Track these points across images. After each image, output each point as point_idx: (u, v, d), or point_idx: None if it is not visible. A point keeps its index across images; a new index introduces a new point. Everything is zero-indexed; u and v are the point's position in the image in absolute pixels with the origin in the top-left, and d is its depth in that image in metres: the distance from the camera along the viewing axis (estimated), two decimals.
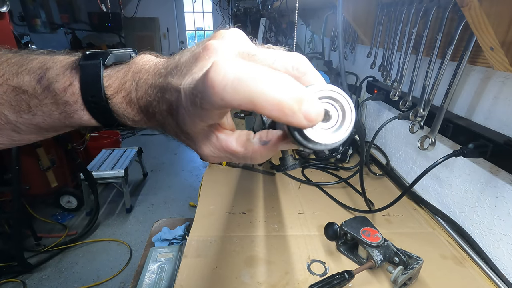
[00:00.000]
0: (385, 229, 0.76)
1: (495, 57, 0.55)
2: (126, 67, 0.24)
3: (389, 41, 0.96)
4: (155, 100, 0.22)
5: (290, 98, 0.16)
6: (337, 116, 0.18)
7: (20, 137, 0.27)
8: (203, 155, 0.23)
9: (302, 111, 0.16)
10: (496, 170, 0.64)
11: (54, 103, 0.24)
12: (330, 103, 0.18)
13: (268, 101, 0.16)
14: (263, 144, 0.21)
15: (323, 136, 0.18)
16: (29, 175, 2.06)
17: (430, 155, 0.86)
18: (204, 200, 0.87)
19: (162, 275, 0.90)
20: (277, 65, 0.19)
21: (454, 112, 0.76)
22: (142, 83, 0.23)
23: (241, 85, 0.16)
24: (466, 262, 0.67)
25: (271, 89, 0.16)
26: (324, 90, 0.18)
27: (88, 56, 0.24)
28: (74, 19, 4.86)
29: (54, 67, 0.24)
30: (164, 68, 0.22)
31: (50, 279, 1.83)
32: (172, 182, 2.93)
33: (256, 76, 0.16)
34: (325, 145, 0.18)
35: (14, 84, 0.24)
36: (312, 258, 0.67)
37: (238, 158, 0.22)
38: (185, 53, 0.21)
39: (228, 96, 0.16)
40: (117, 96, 0.24)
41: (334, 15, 1.49)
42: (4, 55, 0.26)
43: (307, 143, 0.18)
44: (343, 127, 0.18)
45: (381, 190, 0.95)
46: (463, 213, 0.75)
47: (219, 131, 0.22)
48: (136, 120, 0.25)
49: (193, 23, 5.76)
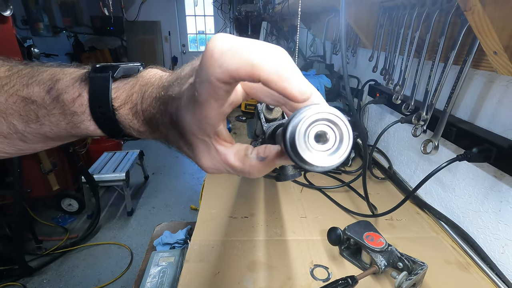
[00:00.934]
0: (389, 234, 0.76)
1: (499, 61, 0.55)
2: (133, 80, 0.25)
3: (391, 44, 0.96)
4: (158, 113, 0.23)
5: (288, 66, 0.17)
6: (334, 139, 0.18)
7: (26, 146, 0.28)
8: (203, 167, 0.23)
9: (297, 81, 0.17)
10: (500, 174, 0.64)
11: (62, 113, 0.25)
12: (328, 125, 0.18)
13: (268, 64, 0.16)
14: (261, 160, 0.21)
15: (319, 158, 0.18)
16: (31, 178, 2.06)
17: (433, 159, 0.86)
18: (206, 204, 0.86)
19: (164, 280, 0.89)
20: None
21: (457, 116, 0.75)
22: (147, 95, 0.24)
23: (241, 50, 0.16)
24: (471, 267, 0.66)
25: (272, 55, 0.16)
26: (324, 112, 0.17)
27: (98, 69, 0.25)
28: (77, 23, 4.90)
29: (64, 79, 0.25)
30: (167, 82, 0.23)
31: (51, 282, 1.83)
32: (173, 185, 2.93)
33: (255, 44, 0.17)
34: (321, 167, 0.18)
35: (24, 95, 0.25)
36: (315, 263, 0.66)
37: (236, 172, 0.23)
38: (186, 67, 0.22)
39: (226, 61, 0.16)
40: (124, 107, 0.25)
41: (336, 18, 1.49)
42: (15, 66, 0.27)
43: (302, 164, 0.18)
44: (340, 151, 0.18)
45: (384, 194, 0.95)
46: (467, 218, 0.74)
47: (218, 143, 0.22)
48: (141, 131, 0.25)
49: (195, 26, 5.79)
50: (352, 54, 1.41)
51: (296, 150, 0.17)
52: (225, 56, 0.16)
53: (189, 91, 0.19)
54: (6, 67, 0.26)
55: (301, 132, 0.17)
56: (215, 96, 0.18)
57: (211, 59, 0.17)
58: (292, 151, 0.17)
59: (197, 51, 5.96)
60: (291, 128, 0.17)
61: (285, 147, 0.18)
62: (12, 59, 0.28)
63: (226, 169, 0.23)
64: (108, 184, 2.34)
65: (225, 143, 0.23)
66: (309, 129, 0.17)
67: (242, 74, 0.16)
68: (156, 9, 5.29)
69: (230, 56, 0.16)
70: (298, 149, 0.17)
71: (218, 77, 0.17)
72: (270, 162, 0.21)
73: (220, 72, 0.16)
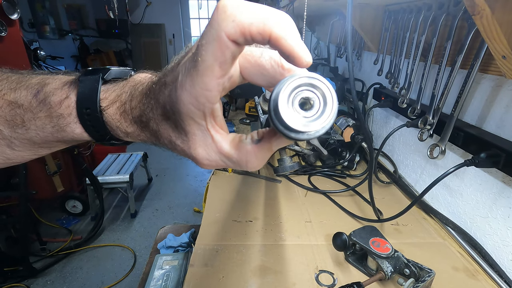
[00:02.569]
0: (394, 239, 0.75)
1: (508, 66, 0.54)
2: (124, 82, 0.25)
3: (396, 48, 0.96)
4: (148, 107, 0.23)
5: (296, 30, 0.18)
6: (318, 104, 0.18)
7: (14, 154, 0.27)
8: (198, 158, 0.22)
9: (303, 44, 0.18)
10: (509, 180, 0.63)
11: (48, 116, 0.25)
12: (311, 90, 0.18)
13: (279, 22, 0.17)
14: (256, 143, 0.21)
15: (305, 124, 0.17)
16: (36, 180, 2.08)
17: (440, 163, 0.85)
18: (210, 207, 0.86)
19: (168, 283, 0.89)
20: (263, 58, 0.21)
21: (465, 120, 0.75)
22: (137, 93, 0.24)
23: (253, 7, 0.17)
24: (479, 275, 0.65)
25: (282, 16, 0.17)
26: (304, 77, 0.17)
27: (89, 71, 0.25)
28: (82, 26, 4.96)
29: (53, 83, 0.25)
30: (158, 77, 0.23)
31: (55, 284, 1.83)
32: (176, 187, 2.93)
33: (266, 6, 0.17)
34: (307, 133, 0.18)
35: (11, 99, 0.25)
36: (320, 268, 0.66)
37: (233, 162, 0.22)
38: (176, 58, 0.22)
39: (240, 15, 0.16)
40: (111, 107, 0.24)
41: (340, 21, 1.49)
42: (5, 74, 0.27)
43: (289, 133, 0.18)
44: (325, 114, 0.18)
45: (389, 199, 0.94)
46: (474, 224, 0.73)
47: (214, 129, 0.22)
48: (128, 132, 0.25)
49: (199, 29, 5.82)
50: (357, 57, 1.40)
51: (280, 117, 0.17)
52: (239, 10, 0.16)
53: (187, 64, 0.19)
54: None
55: (283, 97, 0.17)
56: (221, 59, 0.17)
57: (224, 14, 0.16)
58: (277, 119, 0.17)
59: None
60: (274, 96, 0.17)
61: (271, 117, 0.18)
62: (3, 68, 0.28)
63: (222, 159, 0.22)
64: (112, 186, 2.35)
65: (220, 131, 0.22)
66: (292, 94, 0.17)
67: (254, 30, 0.16)
68: (161, 12, 5.33)
69: (244, 10, 0.16)
70: (282, 115, 0.17)
71: (230, 32, 0.16)
72: (266, 143, 0.21)
73: (233, 27, 0.16)
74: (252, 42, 0.17)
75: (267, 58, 0.21)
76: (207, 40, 0.17)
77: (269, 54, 0.21)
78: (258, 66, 0.21)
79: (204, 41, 0.17)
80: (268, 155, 0.22)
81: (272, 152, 0.22)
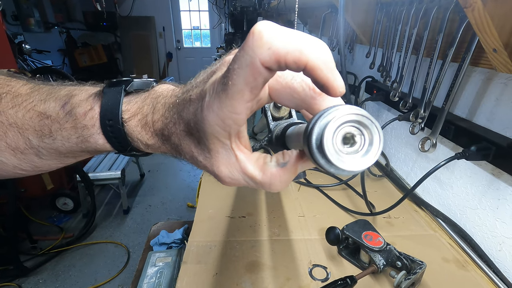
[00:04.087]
0: (387, 232, 0.76)
1: (498, 59, 0.54)
2: (146, 93, 0.26)
3: (388, 41, 0.95)
4: (171, 122, 0.23)
5: (332, 59, 0.17)
6: (361, 142, 0.17)
7: (41, 162, 0.28)
8: (220, 176, 0.22)
9: (338, 74, 0.17)
10: (498, 172, 0.63)
11: (73, 127, 0.25)
12: (356, 127, 0.17)
13: (316, 52, 0.16)
14: (282, 167, 0.21)
15: (346, 161, 0.17)
16: (25, 178, 2.03)
17: (431, 156, 0.85)
18: (203, 204, 0.85)
19: (161, 280, 0.89)
20: (294, 81, 0.21)
21: (456, 113, 0.75)
22: (160, 107, 0.24)
23: (290, 35, 0.16)
24: (469, 265, 0.66)
25: (318, 45, 0.17)
26: (354, 114, 0.16)
27: (113, 83, 0.26)
28: (69, 18, 4.81)
29: (80, 95, 0.26)
30: (182, 91, 0.23)
31: (47, 282, 1.81)
32: (169, 183, 2.91)
33: (302, 33, 0.17)
34: (348, 171, 0.17)
35: (40, 110, 0.26)
36: (313, 263, 0.66)
37: (256, 183, 0.21)
38: (201, 74, 0.22)
39: (277, 43, 0.16)
40: (133, 119, 0.25)
41: (332, 14, 1.47)
42: (36, 85, 0.28)
43: (329, 168, 0.17)
44: (370, 154, 0.17)
45: (381, 192, 0.95)
46: (464, 215, 0.74)
47: (238, 149, 0.21)
48: (149, 144, 0.25)
49: (189, 22, 5.72)
50: (349, 50, 1.40)
51: (324, 153, 0.16)
52: (276, 38, 0.16)
53: (215, 85, 0.19)
54: (29, 86, 0.28)
55: (329, 133, 0.16)
56: (252, 84, 0.17)
57: (260, 41, 0.16)
58: (320, 154, 0.16)
59: (192, 47, 5.90)
60: (318, 129, 0.16)
61: (310, 149, 0.17)
62: (36, 80, 0.29)
63: (245, 179, 0.22)
64: (104, 183, 2.32)
65: (245, 150, 0.22)
66: (338, 130, 0.16)
67: (290, 59, 0.16)
68: (150, 4, 5.21)
69: (280, 38, 0.16)
70: (326, 151, 0.16)
71: (264, 59, 0.16)
72: (292, 167, 0.21)
73: (268, 55, 0.16)
74: (286, 69, 0.17)
75: (299, 80, 0.21)
76: (239, 65, 0.17)
77: (301, 77, 0.21)
78: (289, 89, 0.21)
79: (236, 65, 0.17)
80: (292, 177, 0.21)
81: (296, 175, 0.22)
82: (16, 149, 0.27)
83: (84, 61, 4.80)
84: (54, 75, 2.30)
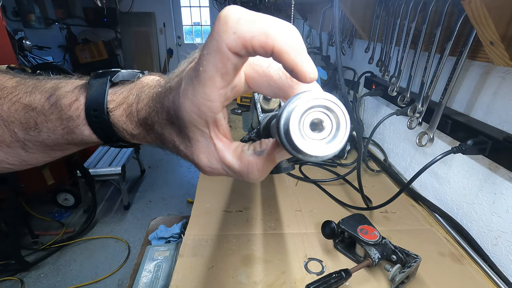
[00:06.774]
0: (383, 227, 0.76)
1: (495, 52, 0.54)
2: (131, 84, 0.26)
3: (387, 35, 0.95)
4: (154, 111, 0.23)
5: (301, 42, 0.16)
6: (330, 127, 0.17)
7: (28, 156, 0.28)
8: (200, 165, 0.22)
9: (308, 59, 0.17)
10: (495, 166, 0.63)
11: (58, 118, 0.25)
12: (324, 112, 0.17)
13: (283, 35, 0.16)
14: (259, 155, 0.20)
15: (314, 147, 0.17)
16: (25, 173, 2.04)
17: (428, 151, 0.85)
18: (200, 198, 0.86)
19: (159, 274, 0.89)
20: (271, 69, 0.20)
21: (453, 108, 0.75)
22: (144, 96, 0.24)
23: (256, 19, 0.16)
24: (464, 259, 0.66)
25: (286, 28, 0.16)
26: (320, 98, 0.16)
27: (99, 74, 0.26)
28: (69, 15, 4.80)
29: (66, 87, 0.26)
30: (164, 81, 0.23)
31: (48, 276, 1.83)
32: (170, 179, 2.92)
33: (270, 17, 0.16)
34: (315, 157, 0.17)
35: (26, 102, 0.26)
36: (309, 256, 0.66)
37: (234, 172, 0.21)
38: (183, 62, 0.22)
39: (242, 27, 0.16)
40: (118, 109, 0.25)
41: (332, 9, 1.46)
42: (23, 79, 0.28)
43: (296, 154, 0.17)
44: (337, 139, 0.17)
45: (379, 187, 0.95)
46: (461, 210, 0.74)
47: (217, 137, 0.21)
48: (134, 134, 0.25)
49: (190, 18, 5.69)
50: (348, 45, 1.39)
51: (290, 138, 0.16)
52: (241, 22, 0.16)
53: (190, 72, 0.19)
54: (15, 79, 0.28)
55: (295, 119, 0.16)
56: (222, 70, 0.17)
57: (225, 25, 0.16)
58: (286, 140, 0.17)
59: (193, 43, 5.88)
60: (286, 115, 0.16)
61: (279, 135, 0.17)
62: (23, 74, 0.29)
63: (223, 169, 0.22)
64: (104, 178, 2.33)
65: (224, 139, 0.22)
66: (304, 116, 0.16)
67: (256, 43, 0.16)
68: (151, 0, 5.19)
69: (246, 22, 0.16)
70: (292, 137, 0.16)
71: (231, 44, 0.16)
72: (268, 156, 0.20)
73: (234, 39, 0.16)
74: (255, 55, 0.17)
75: (276, 68, 0.20)
76: (208, 51, 0.17)
77: (278, 65, 0.20)
78: (265, 77, 0.21)
79: (205, 51, 0.17)
80: (271, 167, 0.21)
81: (274, 164, 0.21)
82: (2, 143, 0.27)
83: (85, 57, 4.79)
84: (54, 71, 2.30)
